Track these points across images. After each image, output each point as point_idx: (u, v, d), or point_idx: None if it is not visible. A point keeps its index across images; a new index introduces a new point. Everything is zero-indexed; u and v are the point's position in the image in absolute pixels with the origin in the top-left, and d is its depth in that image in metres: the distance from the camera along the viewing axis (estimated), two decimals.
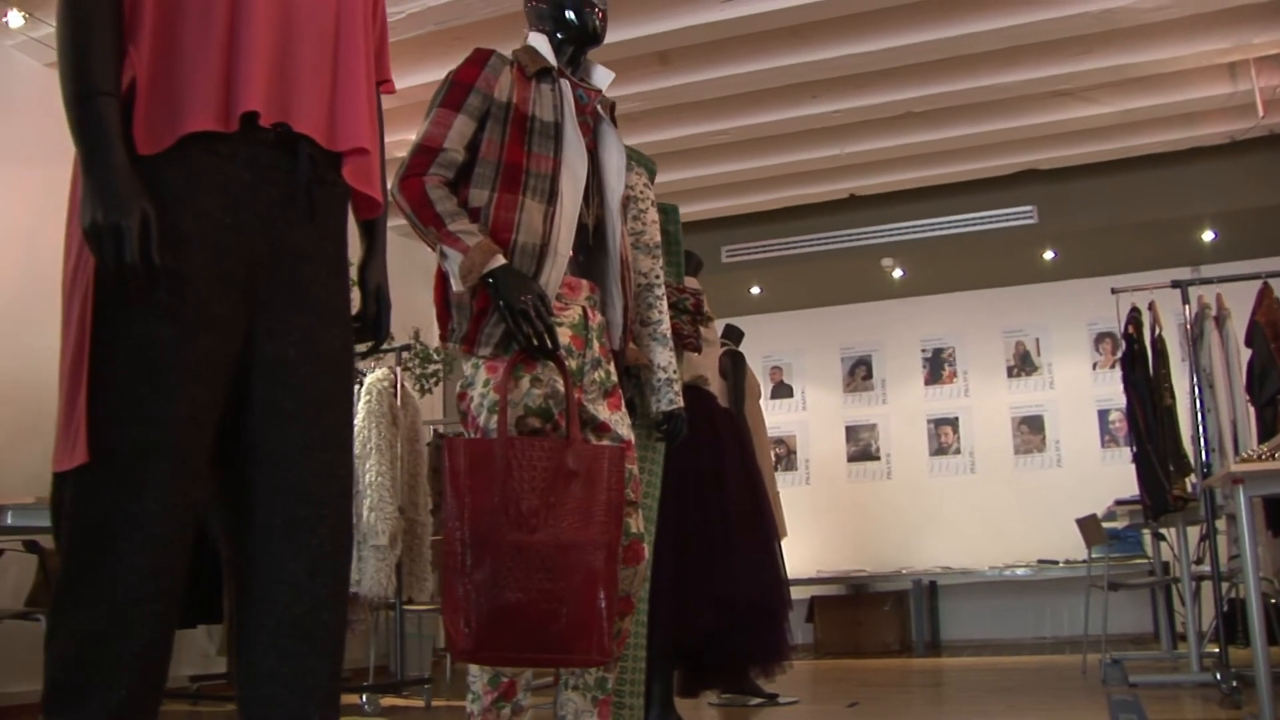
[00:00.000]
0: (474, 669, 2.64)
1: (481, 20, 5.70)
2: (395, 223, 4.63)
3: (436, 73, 5.94)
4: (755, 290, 9.38)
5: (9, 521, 4.04)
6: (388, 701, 5.77)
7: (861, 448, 9.98)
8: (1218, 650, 5.10)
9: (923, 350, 9.93)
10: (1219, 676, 4.80)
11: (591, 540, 2.48)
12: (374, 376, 5.46)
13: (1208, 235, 8.32)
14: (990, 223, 8.25)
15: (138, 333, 1.52)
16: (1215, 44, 6.29)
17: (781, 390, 10.11)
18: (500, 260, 2.55)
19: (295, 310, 1.67)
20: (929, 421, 9.84)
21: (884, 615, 8.88)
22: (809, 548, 9.10)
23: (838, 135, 7.40)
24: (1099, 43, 6.29)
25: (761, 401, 6.38)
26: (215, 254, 1.58)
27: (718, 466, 4.39)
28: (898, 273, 9.10)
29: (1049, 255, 8.81)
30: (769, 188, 8.21)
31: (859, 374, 10.08)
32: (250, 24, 1.60)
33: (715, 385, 4.78)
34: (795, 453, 10.05)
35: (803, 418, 10.13)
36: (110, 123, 1.51)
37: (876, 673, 7.15)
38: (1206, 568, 5.47)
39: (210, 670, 6.44)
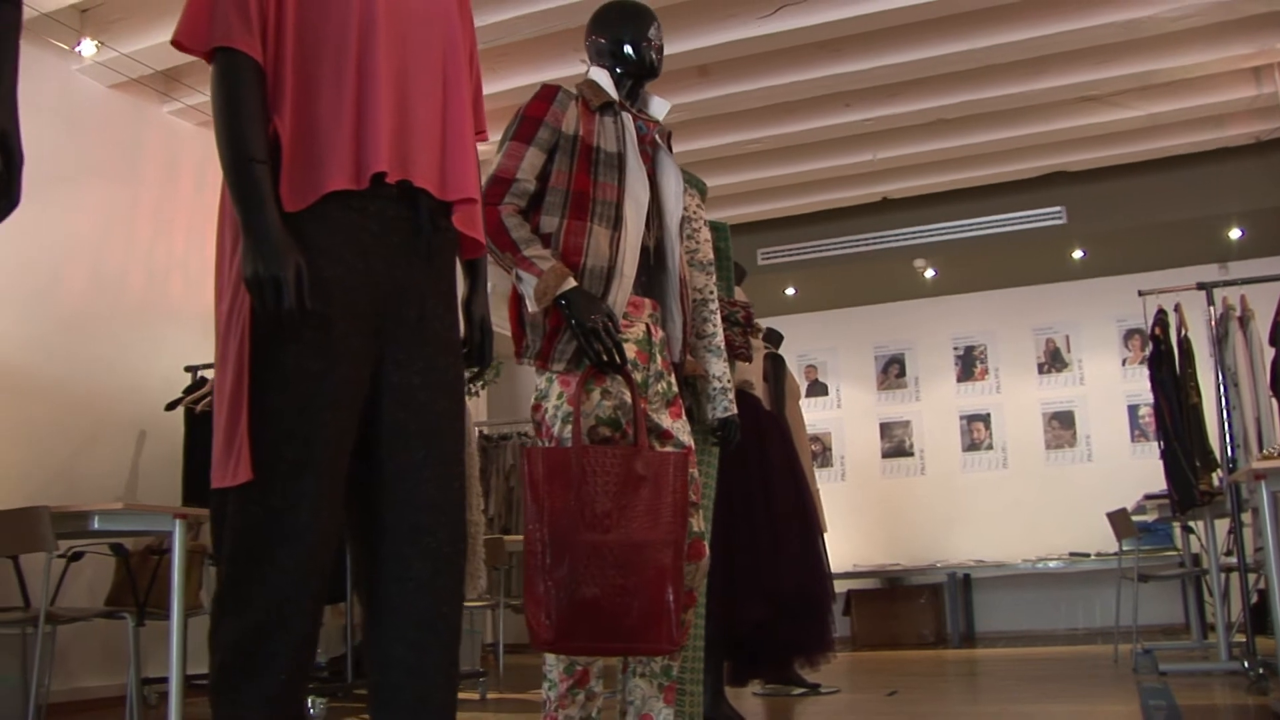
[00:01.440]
0: (550, 658, 2.86)
1: (526, 39, 5.92)
2: None
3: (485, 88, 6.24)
4: (790, 291, 9.59)
5: (95, 525, 4.26)
6: None
7: (895, 444, 10.18)
8: (1245, 640, 5.28)
9: (954, 348, 10.12)
10: (1246, 665, 4.99)
11: (660, 539, 2.70)
12: None
13: (1235, 233, 8.46)
14: (1020, 223, 8.43)
15: (290, 366, 1.76)
16: (1239, 50, 6.45)
17: (816, 389, 10.32)
18: (572, 283, 2.77)
19: (417, 342, 1.90)
20: (961, 418, 10.03)
21: (919, 608, 9.08)
22: (845, 543, 9.29)
23: (870, 142, 7.60)
24: (1124, 50, 6.47)
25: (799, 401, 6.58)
26: (352, 296, 1.82)
27: (764, 466, 4.61)
28: (929, 273, 9.28)
29: (1078, 254, 8.98)
30: (804, 192, 8.42)
31: (892, 372, 10.27)
32: (375, 93, 1.84)
33: (759, 388, 5.00)
34: (830, 450, 10.25)
35: (837, 415, 10.34)
36: (265, 186, 1.74)
37: (913, 664, 7.33)
38: (1235, 560, 5.65)
39: None
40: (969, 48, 6.25)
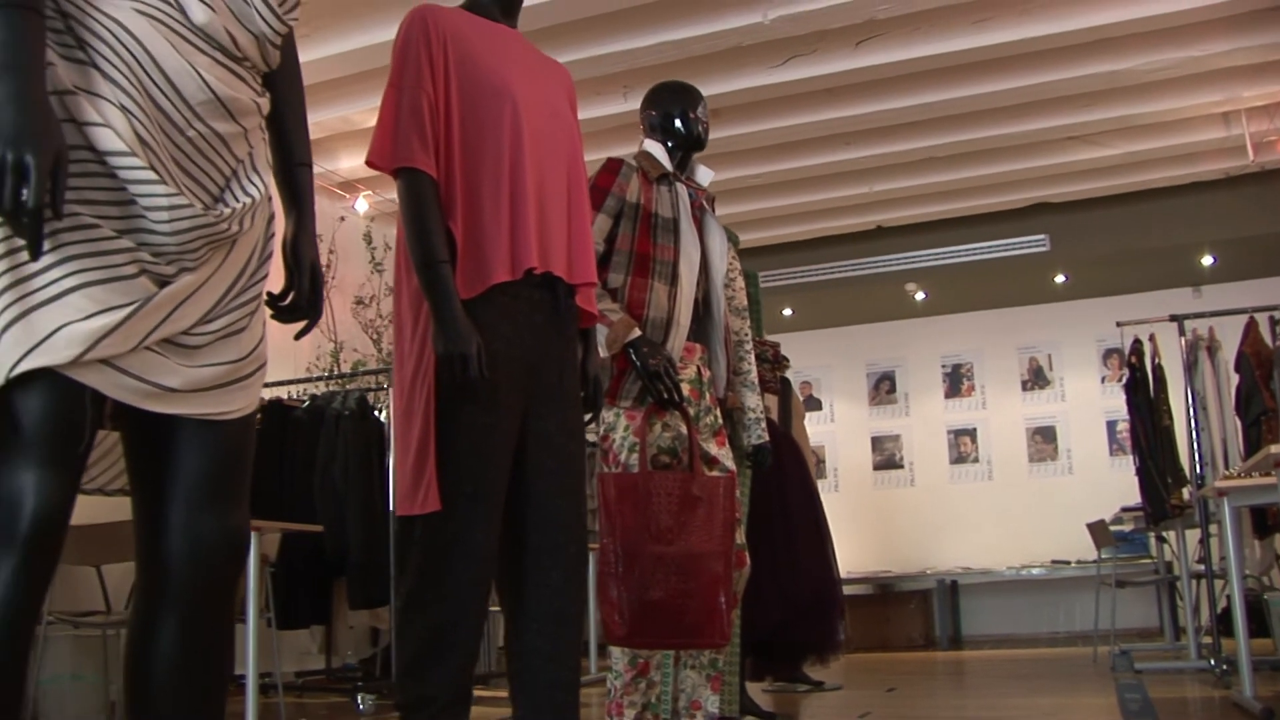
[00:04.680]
0: (615, 652, 3.35)
1: None
2: None
3: None
4: (787, 312, 10.02)
5: None
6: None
7: (886, 457, 10.65)
8: (1212, 641, 5.79)
9: (943, 366, 10.57)
10: (1213, 662, 5.51)
11: (713, 551, 3.20)
12: None
13: (1207, 260, 8.94)
14: (1006, 250, 8.82)
15: (467, 420, 2.23)
16: (1210, 97, 6.98)
17: (811, 404, 10.72)
18: (637, 332, 3.27)
19: (554, 398, 2.39)
20: (949, 432, 10.48)
21: (909, 612, 9.49)
22: (839, 550, 9.53)
23: (867, 176, 8.10)
24: (1105, 97, 6.98)
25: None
26: (511, 366, 2.30)
27: (780, 480, 5.07)
28: (920, 295, 9.73)
29: (1060, 279, 9.42)
30: (804, 220, 8.90)
31: (883, 388, 10.75)
32: (523, 201, 2.33)
33: (773, 412, 5.49)
34: (824, 462, 10.66)
35: (831, 429, 10.77)
36: (449, 282, 2.23)
37: (905, 664, 7.77)
38: (1204, 568, 6.17)
39: (310, 666, 7.12)
40: (962, 94, 6.76)
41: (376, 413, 6.30)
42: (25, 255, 1.44)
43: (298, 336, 1.91)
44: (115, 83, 1.53)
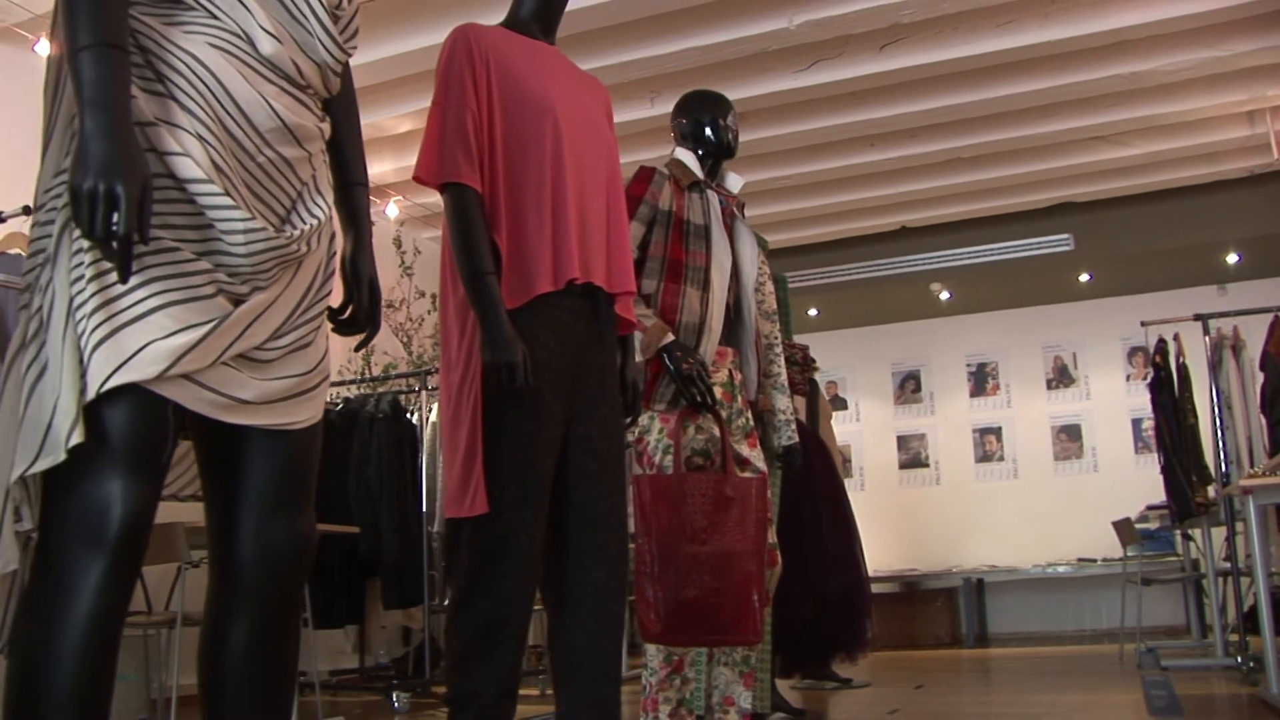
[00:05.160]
0: (650, 649, 3.44)
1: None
2: None
3: None
4: (812, 312, 10.09)
5: None
6: None
7: (912, 456, 10.69)
8: (1238, 638, 5.83)
9: (968, 365, 10.60)
10: (1239, 660, 5.55)
11: (746, 550, 3.27)
12: None
13: (1232, 258, 8.95)
14: (1030, 250, 8.86)
15: (512, 426, 2.32)
16: (1233, 96, 7.01)
17: (837, 404, 10.74)
18: (671, 337, 3.36)
19: (595, 404, 2.47)
20: (974, 431, 10.51)
21: (935, 610, 9.52)
22: (865, 549, 9.73)
23: (892, 178, 8.16)
24: (1129, 97, 7.02)
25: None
26: (554, 372, 2.38)
27: (808, 479, 5.16)
28: (945, 295, 9.77)
29: (1085, 278, 9.45)
30: (829, 221, 8.97)
31: (909, 387, 10.79)
32: (565, 214, 2.42)
33: (801, 413, 5.57)
34: (850, 461, 10.70)
35: (857, 429, 10.82)
36: (496, 293, 2.31)
37: (932, 661, 7.83)
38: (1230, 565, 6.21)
39: (344, 666, 7.23)
40: (986, 96, 6.82)
41: (409, 415, 6.40)
42: (113, 278, 1.54)
43: (358, 349, 2.00)
44: (192, 113, 1.63)
